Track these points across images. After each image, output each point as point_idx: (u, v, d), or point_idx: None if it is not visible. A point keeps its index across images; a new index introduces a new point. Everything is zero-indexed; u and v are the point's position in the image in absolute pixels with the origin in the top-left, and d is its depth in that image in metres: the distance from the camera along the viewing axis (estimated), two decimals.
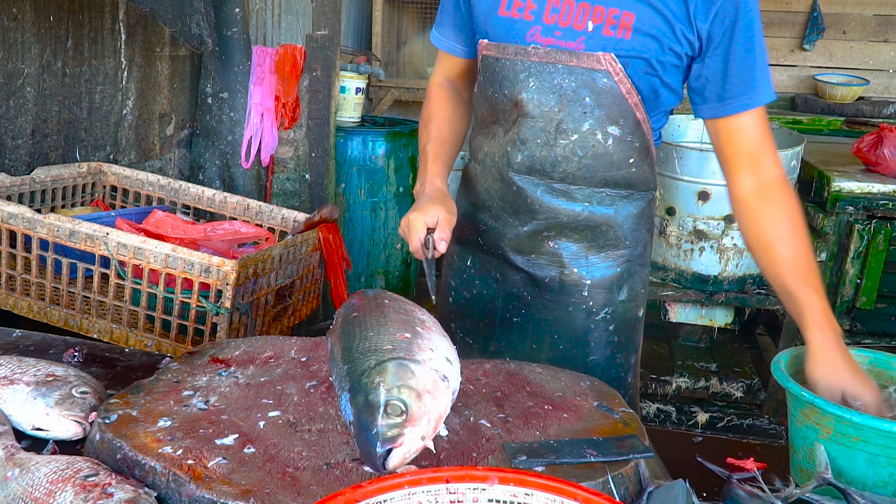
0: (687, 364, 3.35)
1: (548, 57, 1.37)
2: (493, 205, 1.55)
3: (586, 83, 1.37)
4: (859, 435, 1.15)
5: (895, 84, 7.14)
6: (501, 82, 1.43)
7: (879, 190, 3.12)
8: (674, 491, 1.04)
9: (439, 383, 1.12)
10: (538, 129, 1.43)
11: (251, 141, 3.47)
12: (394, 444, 1.01)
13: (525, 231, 1.52)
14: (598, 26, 1.33)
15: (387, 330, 1.22)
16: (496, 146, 1.50)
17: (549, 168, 1.46)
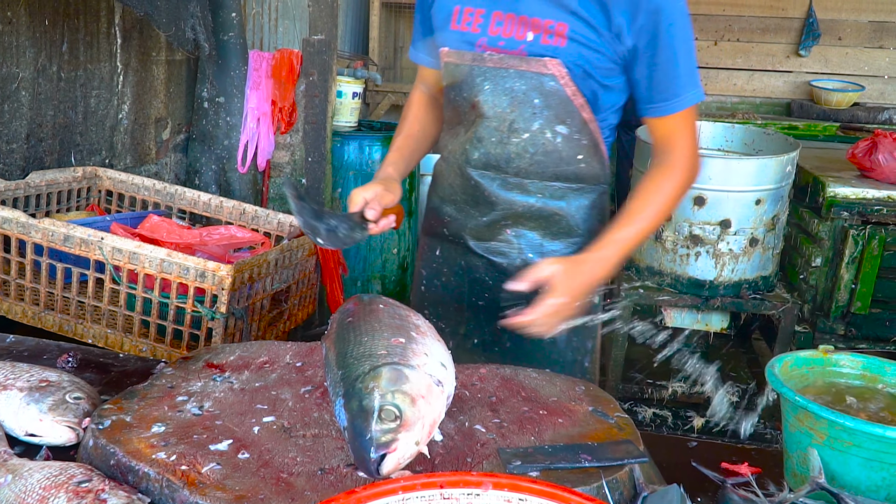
0: (682, 369, 3.35)
1: (501, 63, 1.51)
2: (456, 198, 1.69)
3: (535, 86, 1.50)
4: (852, 440, 1.15)
5: (890, 90, 7.16)
6: (461, 86, 1.58)
7: (874, 195, 3.13)
8: (668, 496, 1.05)
9: (434, 388, 1.12)
10: (492, 128, 1.57)
11: (247, 145, 3.47)
12: (388, 450, 1.01)
13: (485, 221, 1.65)
14: (537, 36, 1.47)
15: (381, 335, 1.22)
16: (457, 144, 1.65)
17: (504, 164, 1.59)
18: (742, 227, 2.94)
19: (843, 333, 3.20)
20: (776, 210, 2.98)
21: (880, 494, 1.16)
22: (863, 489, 1.16)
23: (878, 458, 1.14)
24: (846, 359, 1.38)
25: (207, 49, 3.06)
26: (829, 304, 3.22)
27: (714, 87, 7.41)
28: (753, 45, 7.27)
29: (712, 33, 7.31)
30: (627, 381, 3.29)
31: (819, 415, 1.16)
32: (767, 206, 2.94)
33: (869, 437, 1.13)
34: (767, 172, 2.90)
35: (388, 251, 3.89)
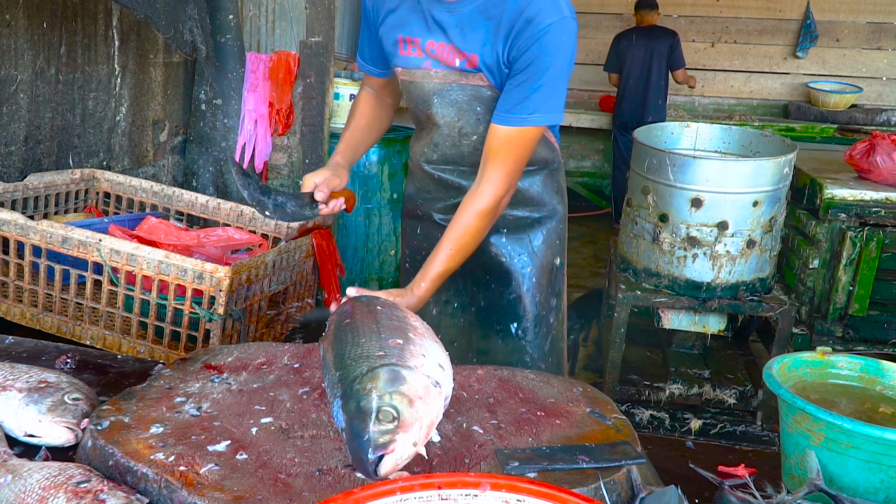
0: (680, 371, 3.35)
1: (445, 79, 1.76)
2: (428, 188, 1.99)
3: (474, 96, 1.76)
4: (850, 441, 1.15)
5: (888, 92, 7.18)
6: (416, 100, 1.84)
7: (872, 197, 3.14)
8: (666, 497, 1.05)
9: (431, 389, 1.12)
10: (445, 135, 1.85)
11: (245, 147, 3.47)
12: (385, 451, 1.01)
13: (454, 202, 1.88)
14: (462, 61, 1.72)
15: (379, 336, 1.22)
16: (419, 148, 1.94)
17: (459, 160, 1.87)
18: (739, 229, 2.94)
19: (840, 335, 3.21)
20: (773, 212, 2.98)
21: (878, 496, 1.16)
22: (861, 491, 1.17)
23: (877, 460, 1.15)
24: (844, 360, 1.38)
25: (204, 51, 3.06)
26: (826, 306, 3.23)
27: (711, 88, 7.42)
28: (751, 47, 7.28)
29: (709, 35, 7.32)
30: (625, 384, 3.29)
31: (817, 416, 1.16)
32: (765, 208, 2.94)
33: (867, 438, 1.14)
34: (765, 174, 2.90)
35: (385, 253, 3.89)
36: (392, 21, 1.78)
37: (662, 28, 6.03)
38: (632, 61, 5.94)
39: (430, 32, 1.73)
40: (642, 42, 5.92)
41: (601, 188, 7.11)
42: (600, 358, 3.82)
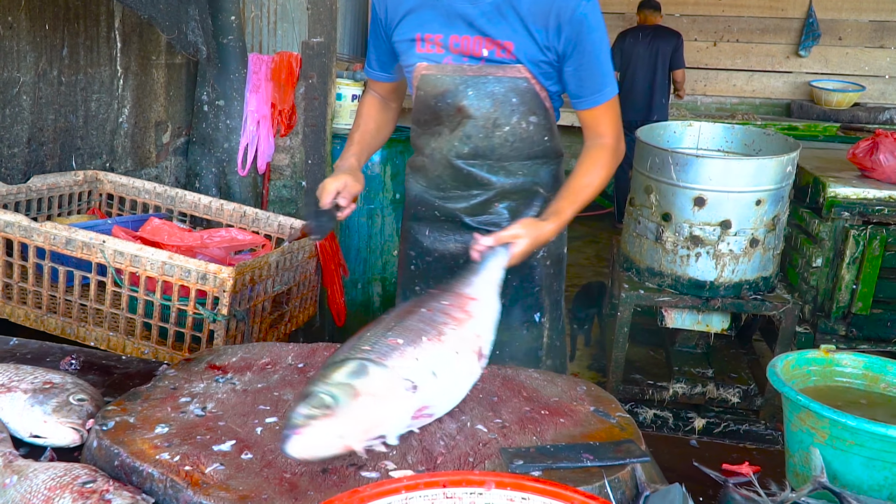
0: (684, 370, 3.35)
1: (480, 71, 1.79)
2: (445, 186, 1.95)
3: (512, 88, 1.80)
4: (854, 439, 1.15)
5: (891, 90, 7.16)
6: (441, 93, 1.83)
7: (875, 195, 3.13)
8: (670, 495, 1.05)
9: (397, 390, 1.13)
10: (479, 126, 1.85)
11: (247, 148, 3.47)
12: (295, 431, 1.04)
13: (478, 200, 1.94)
14: (491, 51, 1.76)
15: (384, 333, 1.24)
16: (443, 142, 1.90)
17: (489, 153, 1.88)
18: (742, 228, 2.94)
19: (844, 334, 3.20)
20: (776, 210, 2.98)
21: (882, 493, 1.16)
22: (865, 488, 1.17)
23: (881, 458, 1.15)
24: (848, 358, 1.38)
25: (206, 52, 3.06)
26: (829, 304, 3.22)
27: (714, 87, 7.42)
28: (753, 46, 7.28)
29: (711, 34, 7.32)
30: (628, 383, 3.29)
31: (821, 414, 1.16)
32: (768, 207, 2.94)
33: (871, 436, 1.14)
34: (767, 173, 2.90)
35: (388, 253, 3.89)
36: (410, 22, 1.81)
37: (667, 28, 6.03)
38: (637, 60, 5.94)
39: (453, 27, 1.76)
40: (648, 41, 5.92)
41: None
42: (604, 357, 3.82)
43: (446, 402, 1.24)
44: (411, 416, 1.17)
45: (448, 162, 1.91)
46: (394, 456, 1.13)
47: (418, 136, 1.98)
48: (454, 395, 1.26)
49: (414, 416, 1.17)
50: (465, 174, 1.91)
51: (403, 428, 1.17)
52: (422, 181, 2.01)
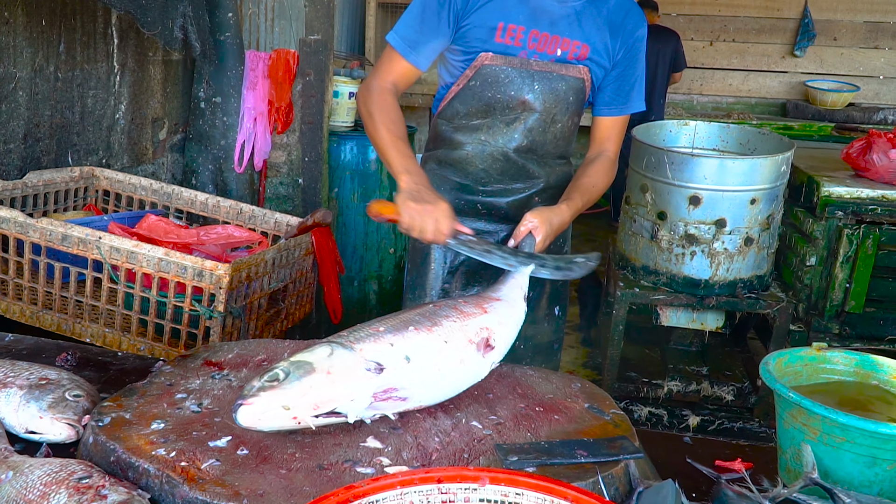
0: (678, 368, 3.36)
1: (546, 67, 1.84)
2: (489, 179, 1.96)
3: (572, 86, 1.87)
4: (846, 436, 1.16)
5: (885, 90, 7.18)
6: (507, 86, 1.84)
7: (868, 195, 3.15)
8: (663, 491, 1.06)
9: (358, 370, 1.15)
10: (541, 119, 1.89)
11: (244, 145, 3.47)
12: (244, 402, 1.09)
13: (524, 195, 1.98)
14: (564, 52, 1.83)
15: (371, 323, 1.28)
16: (497, 135, 1.91)
17: (540, 148, 1.94)
18: (737, 227, 2.95)
19: (837, 332, 3.22)
20: (771, 209, 2.99)
21: (873, 489, 1.17)
22: (856, 484, 1.18)
23: (871, 454, 1.16)
24: (839, 356, 1.39)
25: (198, 48, 3.05)
26: (823, 303, 3.24)
27: (709, 87, 7.43)
28: (749, 46, 7.29)
29: (708, 34, 7.33)
30: (623, 381, 3.30)
31: (813, 411, 1.17)
32: (762, 206, 2.95)
33: (862, 432, 1.15)
34: (762, 172, 2.91)
35: (384, 251, 3.90)
36: (493, 8, 1.79)
37: (665, 28, 6.04)
38: None
39: (536, 22, 1.79)
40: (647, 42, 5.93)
41: None
42: (599, 355, 3.83)
43: (426, 389, 1.24)
44: (373, 396, 1.17)
45: (503, 154, 1.93)
46: (389, 452, 1.14)
47: (455, 131, 1.94)
48: (439, 383, 1.26)
49: (380, 398, 1.18)
50: (519, 166, 1.94)
51: (368, 408, 1.18)
52: (457, 176, 1.98)
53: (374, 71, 1.91)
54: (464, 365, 1.30)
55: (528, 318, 1.96)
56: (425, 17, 1.82)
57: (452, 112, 1.93)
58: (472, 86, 1.87)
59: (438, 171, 2.01)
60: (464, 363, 1.30)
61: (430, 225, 1.62)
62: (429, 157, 2.04)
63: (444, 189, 1.97)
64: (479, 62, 1.83)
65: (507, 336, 1.41)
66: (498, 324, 1.38)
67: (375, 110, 1.82)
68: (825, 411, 1.16)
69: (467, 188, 1.99)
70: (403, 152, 1.76)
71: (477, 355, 1.32)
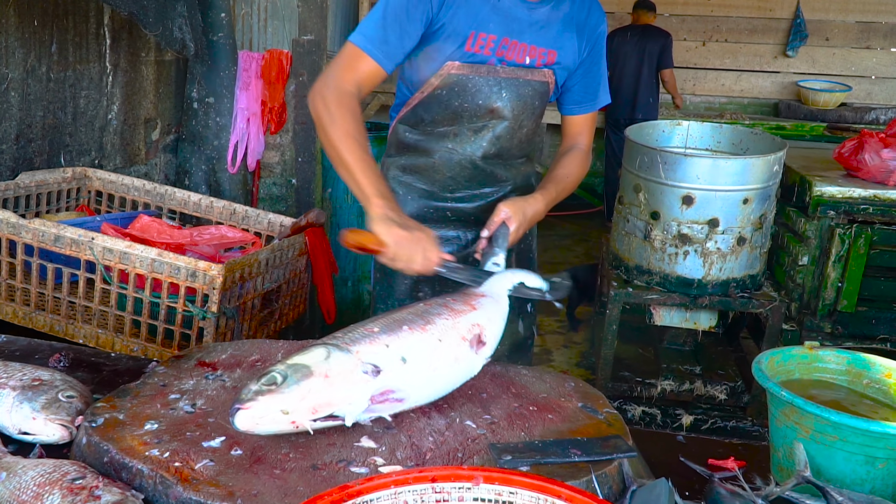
0: (672, 367, 3.37)
1: (513, 73, 1.81)
2: (457, 186, 1.93)
3: (537, 91, 1.85)
4: (837, 434, 1.17)
5: (877, 90, 7.22)
6: (475, 95, 1.81)
7: (860, 194, 3.16)
8: (656, 490, 1.06)
9: (355, 373, 1.15)
10: (509, 127, 1.87)
11: (237, 146, 3.47)
12: (242, 406, 1.08)
13: (492, 199, 1.94)
14: (533, 60, 1.82)
15: (364, 323, 1.28)
16: (464, 143, 1.88)
17: (507, 153, 1.92)
18: (730, 226, 2.96)
19: (829, 331, 3.23)
20: (763, 209, 3.00)
21: (865, 487, 1.18)
22: (848, 482, 1.18)
23: (863, 452, 1.16)
24: (832, 355, 1.40)
25: (193, 49, 3.05)
26: (815, 302, 3.25)
27: (702, 87, 7.45)
28: (741, 46, 7.31)
29: (700, 34, 7.35)
30: (617, 380, 3.31)
31: (805, 409, 1.18)
32: (755, 206, 2.96)
33: (854, 431, 1.15)
34: (755, 172, 2.92)
35: None
36: (464, 14, 1.72)
37: (656, 28, 6.06)
38: (624, 59, 5.96)
39: (508, 30, 1.77)
40: (636, 40, 5.95)
41: (593, 186, 7.13)
42: (593, 355, 3.83)
43: (423, 389, 1.25)
44: (371, 399, 1.17)
45: (471, 162, 1.89)
46: (383, 452, 1.14)
47: (420, 137, 1.89)
48: (435, 382, 1.26)
49: (377, 400, 1.18)
50: (487, 173, 1.92)
51: (365, 411, 1.18)
52: (423, 183, 1.94)
53: (331, 71, 1.70)
54: (458, 363, 1.30)
55: None
56: (395, 18, 1.70)
57: (416, 119, 1.89)
58: (439, 94, 1.81)
59: (402, 178, 1.95)
60: (458, 361, 1.30)
61: (418, 255, 1.50)
62: (391, 164, 1.97)
63: (410, 196, 1.94)
64: (445, 71, 1.78)
65: (496, 331, 1.41)
66: (487, 320, 1.39)
67: (339, 116, 1.62)
68: (817, 410, 1.16)
69: (434, 195, 1.95)
70: (373, 172, 1.58)
71: (470, 352, 1.32)
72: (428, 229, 1.57)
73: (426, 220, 1.91)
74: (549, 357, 4.08)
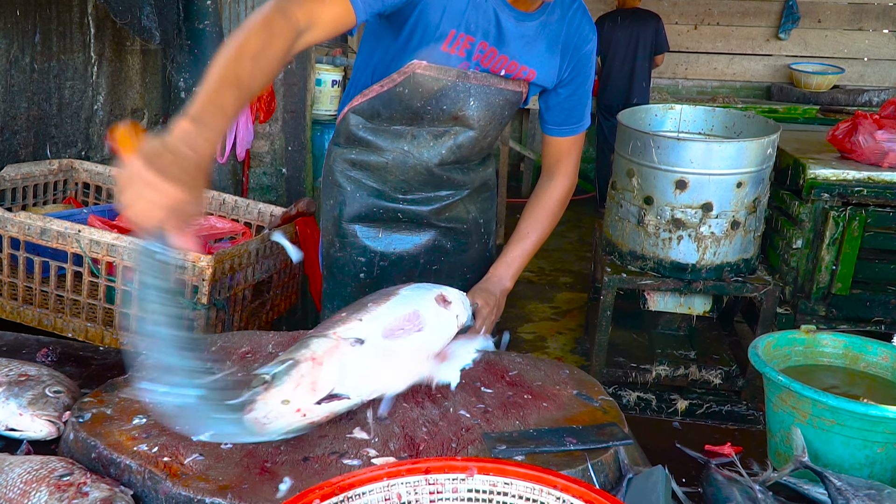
0: (666, 352, 3.37)
1: (485, 81, 1.68)
2: (411, 188, 1.82)
3: (509, 100, 1.73)
4: (835, 418, 1.16)
5: (870, 72, 7.20)
6: (440, 99, 1.67)
7: (854, 177, 3.15)
8: (653, 477, 1.05)
9: (341, 348, 1.14)
10: (472, 137, 1.76)
11: (226, 135, 3.44)
12: (244, 413, 1.05)
13: (448, 202, 1.86)
14: (509, 74, 1.69)
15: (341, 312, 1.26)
16: (422, 147, 1.76)
17: (467, 160, 1.83)
18: (723, 210, 2.95)
19: (824, 314, 3.23)
20: (757, 192, 2.99)
21: (863, 472, 1.17)
22: (846, 467, 1.17)
23: (861, 437, 1.15)
24: (828, 338, 1.39)
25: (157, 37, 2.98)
26: (810, 285, 3.25)
27: (694, 71, 7.42)
28: (733, 29, 7.29)
29: (692, 17, 7.32)
30: (612, 366, 3.31)
31: (802, 394, 1.17)
32: (748, 189, 2.95)
33: (852, 415, 1.14)
34: (748, 155, 2.91)
35: None
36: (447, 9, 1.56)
37: (646, 11, 6.02)
38: (616, 44, 5.92)
39: (487, 34, 1.61)
40: (627, 25, 5.91)
41: (586, 172, 7.11)
42: (587, 341, 3.83)
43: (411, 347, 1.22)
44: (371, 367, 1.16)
45: (426, 168, 1.77)
46: (376, 443, 1.13)
47: (373, 133, 1.77)
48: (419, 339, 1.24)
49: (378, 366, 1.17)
50: (444, 179, 1.81)
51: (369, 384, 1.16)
52: (373, 181, 1.82)
53: None
54: (437, 318, 1.29)
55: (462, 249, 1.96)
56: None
57: (372, 112, 1.74)
58: (400, 92, 1.66)
59: (350, 174, 1.82)
60: (438, 316, 1.29)
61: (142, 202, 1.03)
62: (338, 155, 1.83)
63: (357, 193, 1.82)
64: (409, 70, 1.62)
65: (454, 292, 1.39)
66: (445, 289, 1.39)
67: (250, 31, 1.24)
68: (815, 394, 1.15)
69: (385, 195, 1.83)
70: (219, 94, 1.15)
71: (439, 308, 1.31)
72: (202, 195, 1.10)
73: (375, 220, 1.84)
74: (543, 344, 4.08)
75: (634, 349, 3.54)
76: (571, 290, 4.86)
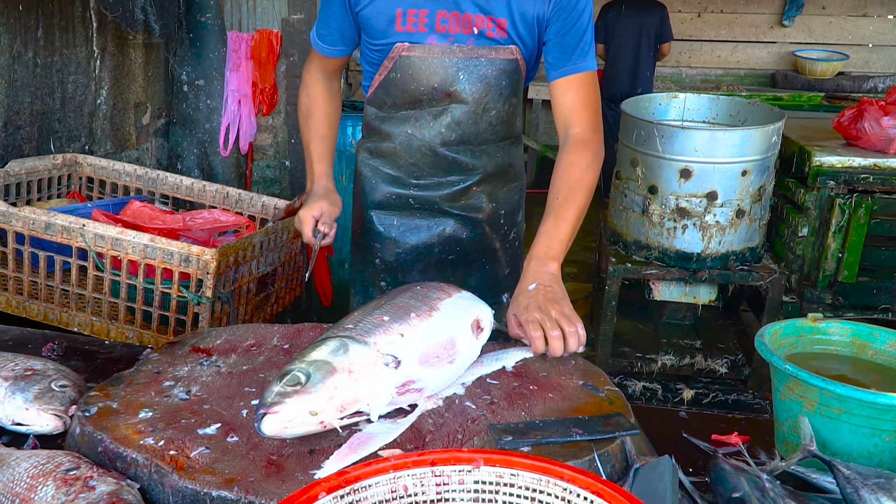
0: (672, 342, 3.36)
1: (472, 53, 1.67)
2: (422, 173, 1.85)
3: (503, 70, 1.71)
4: (843, 407, 1.15)
5: (875, 58, 7.16)
6: (430, 77, 1.70)
7: (860, 164, 3.13)
8: (660, 467, 1.04)
9: (377, 366, 1.13)
10: (469, 112, 1.75)
11: (229, 128, 3.43)
12: (269, 410, 1.04)
13: (460, 187, 1.86)
14: (482, 30, 1.66)
15: (371, 312, 1.25)
16: (424, 129, 1.79)
17: (474, 138, 1.80)
18: (728, 199, 2.93)
19: (830, 303, 3.22)
20: (762, 181, 2.98)
21: (872, 461, 1.16)
22: (855, 456, 1.17)
23: (870, 425, 1.15)
24: (835, 327, 1.38)
25: (157, 31, 2.98)
26: (816, 273, 3.24)
27: (698, 59, 7.39)
28: (737, 17, 7.25)
29: (696, 5, 7.28)
30: (617, 356, 3.30)
31: (809, 382, 1.16)
32: (753, 177, 2.93)
33: (860, 403, 1.13)
34: (753, 143, 2.89)
35: None
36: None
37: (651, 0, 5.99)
38: (621, 33, 5.89)
39: (439, 2, 1.63)
40: (631, 13, 5.87)
41: None
42: (592, 331, 3.83)
43: (438, 377, 1.23)
44: (394, 391, 1.16)
45: (430, 149, 1.81)
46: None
47: (383, 121, 1.85)
48: (448, 370, 1.25)
49: (399, 392, 1.16)
50: (450, 161, 1.82)
51: (388, 404, 1.16)
52: (388, 168, 1.90)
53: (307, 62, 1.93)
54: (467, 350, 1.30)
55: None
56: (329, 6, 1.75)
57: (380, 101, 1.83)
58: (394, 77, 1.74)
59: (370, 162, 1.93)
60: (467, 348, 1.30)
61: (300, 225, 1.71)
62: (361, 146, 1.96)
63: (375, 181, 1.93)
64: (395, 53, 1.70)
65: (489, 315, 1.42)
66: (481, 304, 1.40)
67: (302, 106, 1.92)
68: (823, 382, 1.15)
69: (399, 181, 1.89)
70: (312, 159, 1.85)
71: (472, 337, 1.32)
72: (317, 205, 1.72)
73: (391, 207, 1.92)
74: None
75: (640, 339, 3.53)
76: (576, 280, 4.85)
